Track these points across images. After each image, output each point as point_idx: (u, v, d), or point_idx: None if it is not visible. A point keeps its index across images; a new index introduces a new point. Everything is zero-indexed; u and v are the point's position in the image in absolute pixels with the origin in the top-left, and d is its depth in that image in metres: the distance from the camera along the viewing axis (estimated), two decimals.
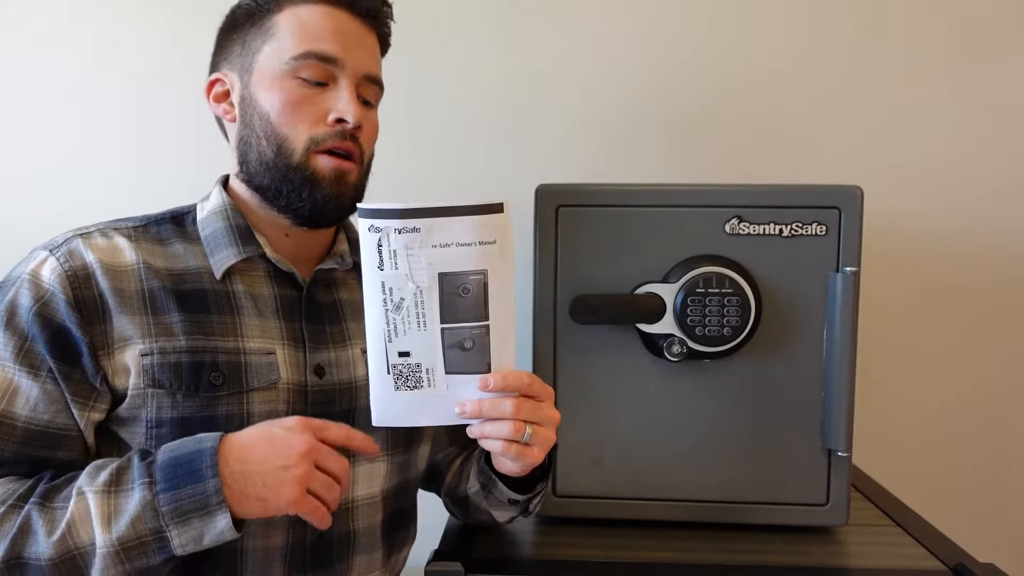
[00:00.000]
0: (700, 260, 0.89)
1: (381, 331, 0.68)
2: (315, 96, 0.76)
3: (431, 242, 0.66)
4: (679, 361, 0.89)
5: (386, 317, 0.68)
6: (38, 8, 1.25)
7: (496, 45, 1.27)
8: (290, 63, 0.75)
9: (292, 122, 0.75)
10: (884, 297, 1.29)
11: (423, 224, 0.66)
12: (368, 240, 0.66)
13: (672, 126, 1.28)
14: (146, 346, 0.70)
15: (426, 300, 0.68)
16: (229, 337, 0.74)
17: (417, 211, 0.66)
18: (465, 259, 0.67)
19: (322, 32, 0.76)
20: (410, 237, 0.66)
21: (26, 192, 1.29)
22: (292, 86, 0.75)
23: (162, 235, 0.79)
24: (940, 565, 0.86)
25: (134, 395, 0.70)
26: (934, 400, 1.32)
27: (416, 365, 0.69)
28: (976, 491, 1.33)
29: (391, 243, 0.66)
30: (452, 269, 0.67)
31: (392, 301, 0.68)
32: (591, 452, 0.93)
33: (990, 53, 1.25)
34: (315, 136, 0.75)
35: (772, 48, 1.26)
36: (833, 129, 1.27)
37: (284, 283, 0.80)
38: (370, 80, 0.79)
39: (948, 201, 1.28)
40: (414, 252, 0.66)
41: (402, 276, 0.67)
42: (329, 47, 0.75)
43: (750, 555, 0.88)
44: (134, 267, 0.74)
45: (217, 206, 0.80)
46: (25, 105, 1.28)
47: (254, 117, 0.76)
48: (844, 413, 0.89)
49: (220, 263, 0.77)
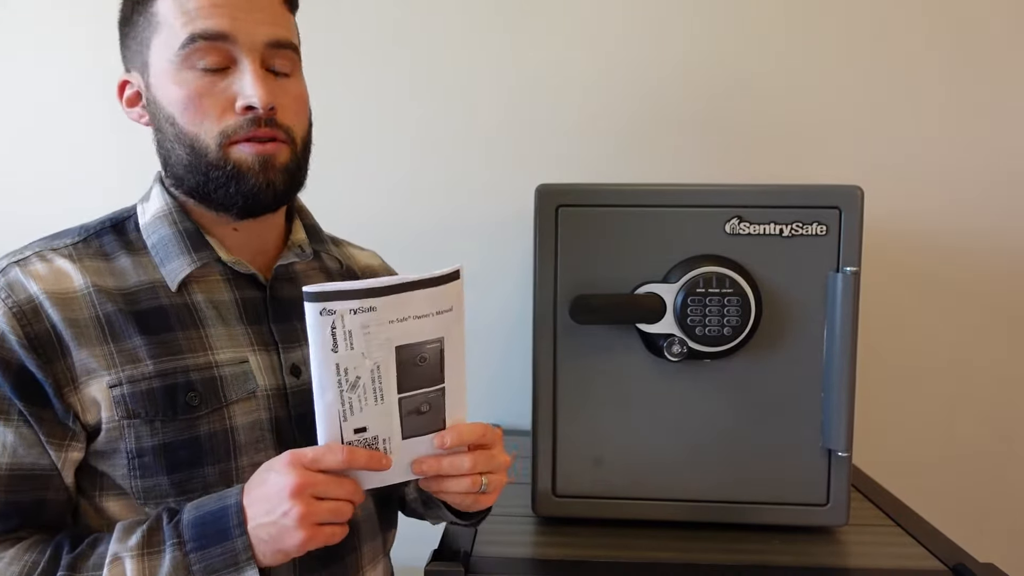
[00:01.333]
0: (700, 260, 0.89)
1: (336, 412, 0.64)
2: (216, 84, 0.68)
3: (388, 318, 0.63)
4: (679, 361, 0.89)
5: (341, 398, 0.64)
6: (38, 8, 1.25)
7: (496, 45, 1.27)
8: (179, 53, 0.67)
9: (198, 119, 0.68)
10: (884, 297, 1.29)
11: (379, 303, 0.62)
12: (320, 323, 0.61)
13: (672, 126, 1.28)
14: (113, 377, 0.66)
15: (383, 375, 0.64)
16: (198, 352, 0.70)
17: (372, 291, 0.62)
18: (422, 330, 0.65)
19: (203, 7, 0.67)
20: (366, 317, 0.62)
21: (26, 192, 1.29)
22: (189, 79, 0.68)
23: (105, 248, 0.73)
24: (940, 565, 0.86)
25: (109, 428, 0.66)
26: (934, 400, 1.32)
27: (373, 438, 0.66)
28: (976, 491, 1.33)
29: (346, 325, 0.62)
30: (409, 341, 0.64)
31: (348, 381, 0.63)
32: (591, 452, 0.93)
33: (990, 53, 1.25)
34: (225, 129, 0.69)
35: (772, 48, 1.26)
36: (833, 129, 1.27)
37: (244, 285, 0.76)
38: (277, 45, 0.70)
39: (948, 201, 1.28)
40: (370, 331, 0.63)
41: (358, 356, 0.63)
42: (214, 23, 0.67)
43: (750, 555, 0.88)
44: (83, 292, 0.68)
45: (160, 209, 0.74)
46: (25, 105, 1.28)
47: (162, 121, 0.70)
48: (844, 413, 0.89)
49: (174, 274, 0.71)
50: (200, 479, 0.68)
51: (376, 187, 1.30)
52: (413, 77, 1.27)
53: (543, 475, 0.94)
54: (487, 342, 1.33)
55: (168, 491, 0.67)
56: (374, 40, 1.27)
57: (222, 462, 0.70)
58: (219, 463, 0.69)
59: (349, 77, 1.28)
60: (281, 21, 0.72)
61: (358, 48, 1.27)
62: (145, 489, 0.67)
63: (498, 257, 1.31)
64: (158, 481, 0.67)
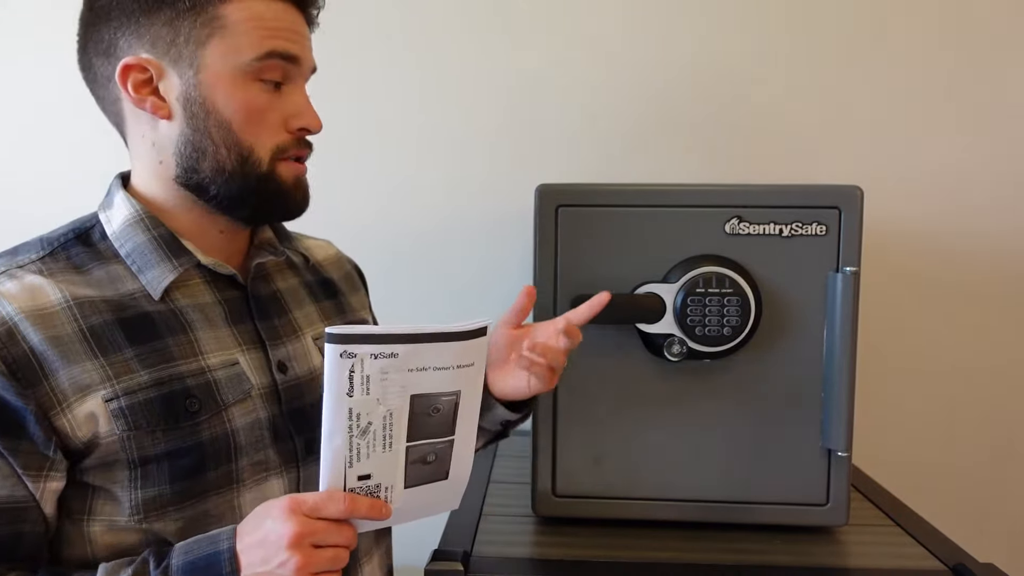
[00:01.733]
0: (700, 260, 0.89)
1: (343, 457, 0.62)
2: (276, 100, 0.71)
3: (408, 366, 0.62)
4: (679, 361, 0.89)
5: (350, 443, 0.62)
6: (38, 8, 1.26)
7: (497, 45, 1.27)
8: (252, 64, 0.68)
9: (257, 131, 0.70)
10: (884, 297, 1.29)
11: (402, 350, 0.61)
12: (338, 365, 0.60)
13: (672, 126, 1.28)
14: (108, 391, 0.64)
15: (395, 422, 0.63)
16: (190, 358, 0.69)
17: (397, 336, 0.61)
18: (441, 381, 0.64)
19: (281, 29, 0.70)
20: (386, 362, 0.61)
21: (26, 192, 1.29)
22: (255, 91, 0.69)
23: (74, 261, 0.70)
24: (940, 565, 0.86)
25: (108, 442, 0.64)
26: (934, 400, 1.32)
27: (376, 486, 0.64)
28: (976, 491, 1.33)
29: (364, 369, 0.60)
30: (426, 391, 0.63)
31: (359, 427, 0.62)
32: (591, 452, 0.93)
33: (990, 53, 1.25)
34: (280, 145, 0.72)
35: (772, 48, 1.26)
36: (833, 129, 1.27)
37: (223, 285, 0.75)
38: (313, 71, 0.76)
39: (948, 201, 1.28)
40: (389, 377, 0.61)
41: (372, 401, 0.61)
42: (291, 46, 0.71)
43: (750, 555, 0.88)
44: (62, 306, 0.66)
45: (131, 216, 0.71)
46: (25, 106, 1.28)
47: (209, 123, 0.69)
48: (844, 413, 0.89)
49: (156, 282, 0.70)
50: (202, 484, 0.68)
51: (376, 187, 1.30)
52: (413, 78, 1.28)
53: (543, 475, 0.94)
54: None
55: (169, 499, 0.66)
56: (374, 40, 1.27)
57: (223, 465, 0.69)
58: (221, 466, 0.69)
59: (349, 77, 1.28)
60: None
61: (358, 48, 1.27)
62: (145, 501, 0.66)
63: (498, 257, 1.31)
64: (160, 491, 0.66)
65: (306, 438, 0.75)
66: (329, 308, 0.86)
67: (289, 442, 0.74)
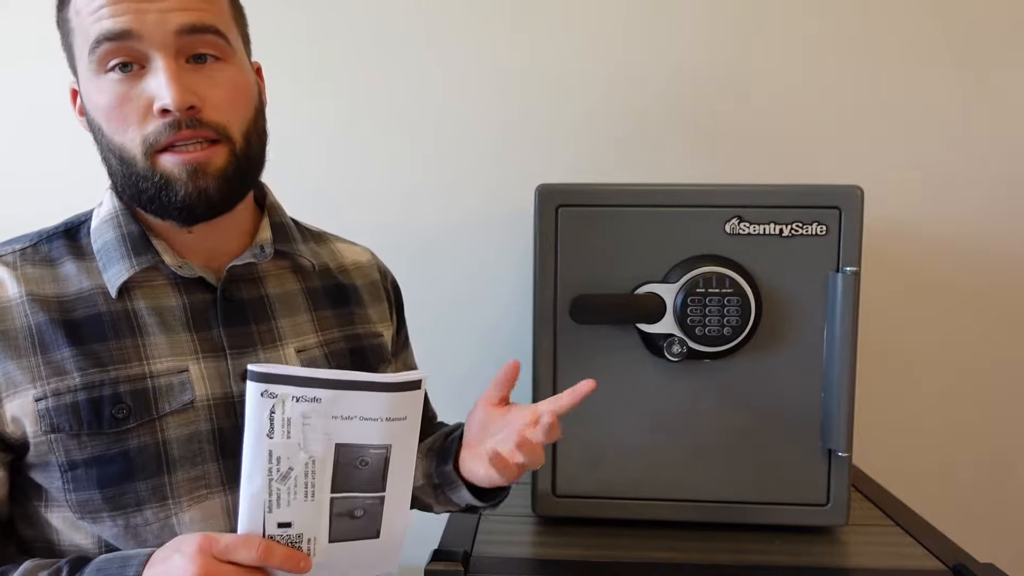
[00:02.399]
0: (700, 260, 0.89)
1: (261, 502, 0.59)
2: (134, 87, 0.63)
3: (332, 413, 0.59)
4: (679, 361, 0.89)
5: (269, 487, 0.59)
6: (39, 8, 1.26)
7: (496, 45, 1.27)
8: (91, 59, 0.63)
9: (121, 127, 0.64)
10: (884, 297, 1.29)
11: (326, 395, 0.59)
12: (259, 404, 0.58)
13: (672, 126, 1.28)
14: (38, 390, 0.64)
15: (318, 470, 0.60)
16: (132, 363, 0.67)
17: (321, 381, 0.58)
18: (369, 433, 0.61)
19: (104, 5, 0.62)
20: (309, 407, 0.59)
21: (26, 192, 1.29)
22: (107, 85, 0.64)
23: (52, 255, 0.70)
24: (940, 565, 0.86)
25: (37, 443, 0.64)
26: (934, 400, 1.32)
27: (297, 536, 0.61)
28: (976, 491, 1.33)
29: (286, 411, 0.58)
30: (352, 441, 0.60)
31: (279, 471, 0.59)
32: (591, 452, 0.93)
33: (990, 53, 1.25)
34: (146, 135, 0.64)
35: (772, 48, 1.26)
36: (833, 129, 1.27)
37: (193, 288, 0.71)
38: (193, 31, 0.64)
39: (948, 201, 1.28)
40: (311, 422, 0.59)
41: (294, 446, 0.59)
42: (114, 21, 0.62)
43: (750, 555, 0.88)
44: (17, 302, 0.66)
45: (108, 213, 0.71)
46: (25, 106, 1.28)
47: (95, 131, 0.67)
48: (844, 413, 0.89)
49: (113, 279, 0.68)
50: (132, 494, 0.66)
51: (377, 187, 1.30)
52: (413, 77, 1.27)
53: (543, 475, 0.94)
54: (487, 342, 1.32)
55: (102, 505, 0.65)
56: (374, 40, 1.27)
57: (154, 477, 0.66)
58: (151, 478, 0.66)
59: (349, 78, 1.27)
60: (197, 4, 0.65)
61: (358, 49, 1.27)
62: (80, 503, 0.65)
63: (498, 257, 1.30)
64: (91, 495, 0.65)
65: None
66: (328, 318, 0.80)
67: (238, 459, 0.71)
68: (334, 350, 0.78)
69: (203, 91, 0.65)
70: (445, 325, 1.32)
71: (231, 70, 0.68)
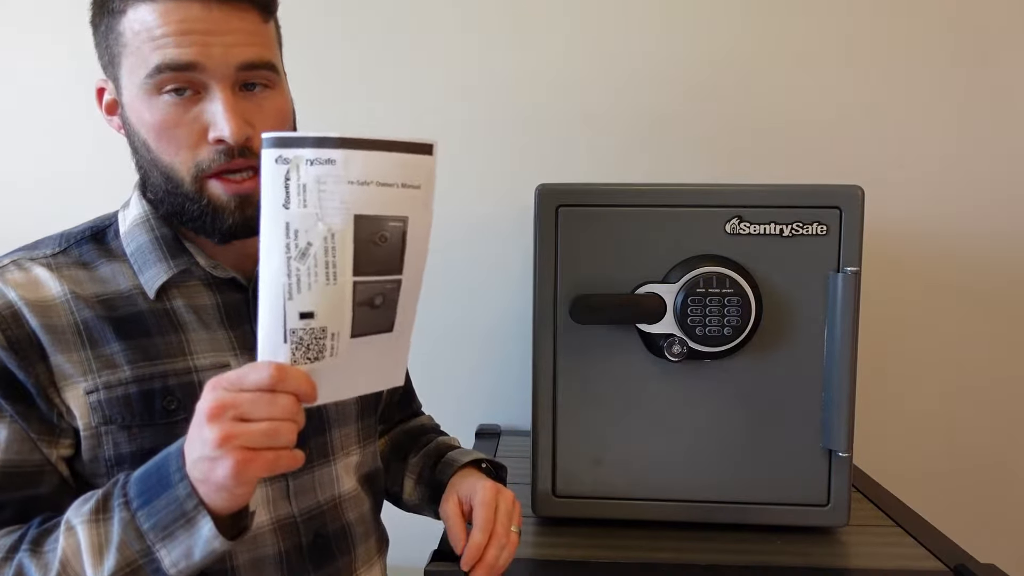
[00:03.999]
0: (700, 260, 0.89)
1: (280, 285, 0.55)
2: (188, 111, 0.65)
3: (348, 177, 0.55)
4: (679, 361, 0.89)
5: (288, 267, 0.55)
6: (39, 8, 1.26)
7: (496, 45, 1.27)
8: (147, 82, 0.64)
9: (171, 149, 0.66)
10: (884, 297, 1.29)
11: (340, 156, 0.55)
12: (273, 173, 0.55)
13: (672, 126, 1.28)
14: (89, 383, 0.66)
15: (338, 247, 0.56)
16: (177, 358, 0.69)
17: (334, 140, 0.54)
18: (386, 202, 0.57)
19: (170, 35, 0.63)
20: (323, 170, 0.55)
21: (26, 191, 1.29)
22: (160, 106, 0.65)
23: (85, 257, 0.72)
24: (941, 565, 0.86)
25: (87, 435, 0.66)
26: (934, 400, 1.32)
27: (321, 329, 0.56)
28: (977, 491, 1.33)
29: (300, 176, 0.54)
30: (370, 212, 0.56)
31: (297, 247, 0.55)
32: (591, 452, 0.93)
33: (990, 53, 1.25)
34: (200, 162, 0.66)
35: (773, 48, 1.26)
36: (833, 129, 1.27)
37: (226, 287, 0.74)
38: (251, 67, 0.66)
39: (948, 201, 1.28)
40: (327, 188, 0.55)
41: (311, 216, 0.55)
42: (181, 52, 0.63)
43: (750, 555, 0.88)
44: (61, 299, 0.68)
45: (139, 217, 0.73)
46: (25, 105, 1.28)
47: (137, 143, 0.68)
48: (844, 413, 0.89)
49: (151, 281, 0.70)
50: None
51: None
52: (413, 77, 1.27)
53: (543, 475, 0.94)
54: (487, 342, 1.32)
55: None
56: (374, 40, 1.27)
57: None
58: None
59: (349, 78, 1.27)
60: (257, 39, 0.67)
61: (358, 49, 1.27)
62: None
63: (498, 257, 1.30)
64: None
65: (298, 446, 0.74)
66: None
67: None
68: None
69: (254, 120, 0.67)
70: (445, 325, 1.32)
71: (278, 98, 0.70)
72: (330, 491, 0.77)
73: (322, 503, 0.76)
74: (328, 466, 0.77)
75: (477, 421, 1.33)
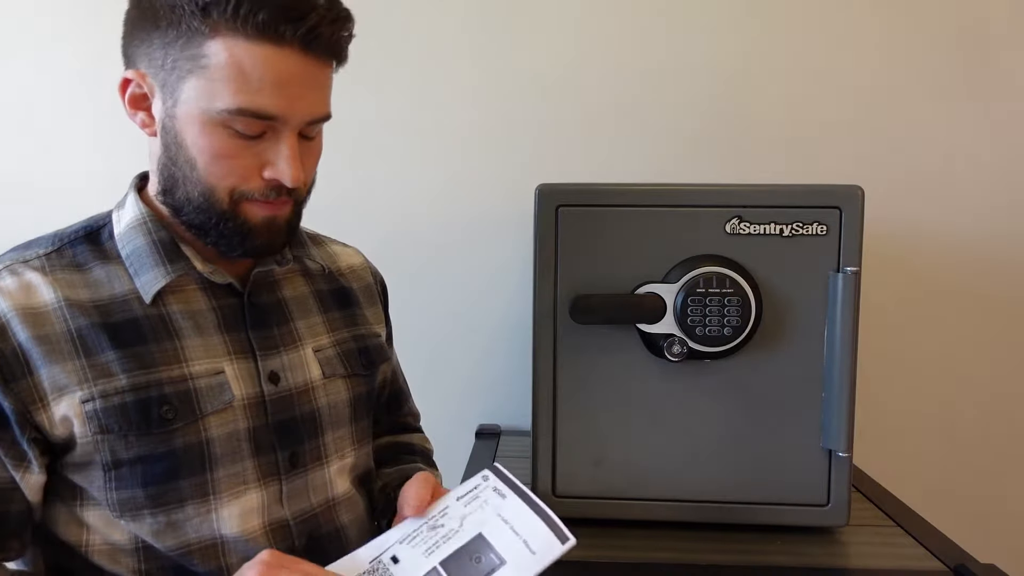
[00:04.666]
0: (700, 260, 0.89)
1: (401, 530, 0.70)
2: (249, 148, 0.66)
3: (499, 512, 0.69)
4: (679, 361, 0.89)
5: (417, 523, 0.70)
6: (39, 7, 1.26)
7: (496, 45, 1.27)
8: (222, 114, 0.64)
9: (221, 174, 0.66)
10: (884, 297, 1.29)
11: (510, 496, 0.70)
12: (475, 482, 0.72)
13: (673, 126, 1.28)
14: (85, 392, 0.65)
15: (452, 540, 0.68)
16: (172, 365, 0.69)
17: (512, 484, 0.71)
18: (507, 545, 0.67)
19: (262, 84, 0.63)
20: (494, 497, 0.70)
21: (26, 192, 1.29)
22: (223, 136, 0.65)
23: (78, 258, 0.70)
24: (941, 566, 0.86)
25: (83, 443, 0.65)
26: (934, 400, 1.32)
27: (384, 569, 0.67)
28: (977, 491, 1.33)
29: (480, 493, 0.71)
30: (490, 540, 0.67)
31: (438, 521, 0.70)
32: (591, 452, 0.93)
33: (990, 53, 1.25)
34: (244, 190, 0.67)
35: (773, 48, 1.26)
36: (833, 129, 1.27)
37: (222, 292, 0.74)
38: (315, 122, 0.69)
39: (948, 201, 1.28)
40: (485, 508, 0.70)
41: (459, 515, 0.70)
42: (269, 103, 0.64)
43: (750, 555, 0.88)
44: (54, 306, 0.66)
45: (135, 219, 0.72)
46: (25, 105, 1.28)
47: (179, 155, 0.67)
48: (844, 413, 0.89)
49: (148, 286, 0.69)
50: (175, 491, 0.68)
51: (377, 187, 1.30)
52: (413, 77, 1.27)
53: (543, 475, 0.94)
54: (487, 342, 1.32)
55: (144, 503, 0.67)
56: (373, 40, 1.27)
57: (197, 475, 0.68)
58: (194, 476, 0.68)
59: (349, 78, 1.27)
60: (328, 94, 0.71)
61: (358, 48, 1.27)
62: (121, 501, 0.67)
63: (498, 257, 1.31)
64: (134, 494, 0.67)
65: (291, 451, 0.74)
66: (337, 319, 0.83)
67: (271, 454, 0.73)
68: (345, 349, 0.82)
69: (306, 163, 0.70)
70: (445, 325, 1.32)
71: (320, 139, 0.73)
72: (323, 494, 0.77)
73: (315, 506, 0.76)
74: (321, 469, 0.77)
75: (477, 421, 1.33)
